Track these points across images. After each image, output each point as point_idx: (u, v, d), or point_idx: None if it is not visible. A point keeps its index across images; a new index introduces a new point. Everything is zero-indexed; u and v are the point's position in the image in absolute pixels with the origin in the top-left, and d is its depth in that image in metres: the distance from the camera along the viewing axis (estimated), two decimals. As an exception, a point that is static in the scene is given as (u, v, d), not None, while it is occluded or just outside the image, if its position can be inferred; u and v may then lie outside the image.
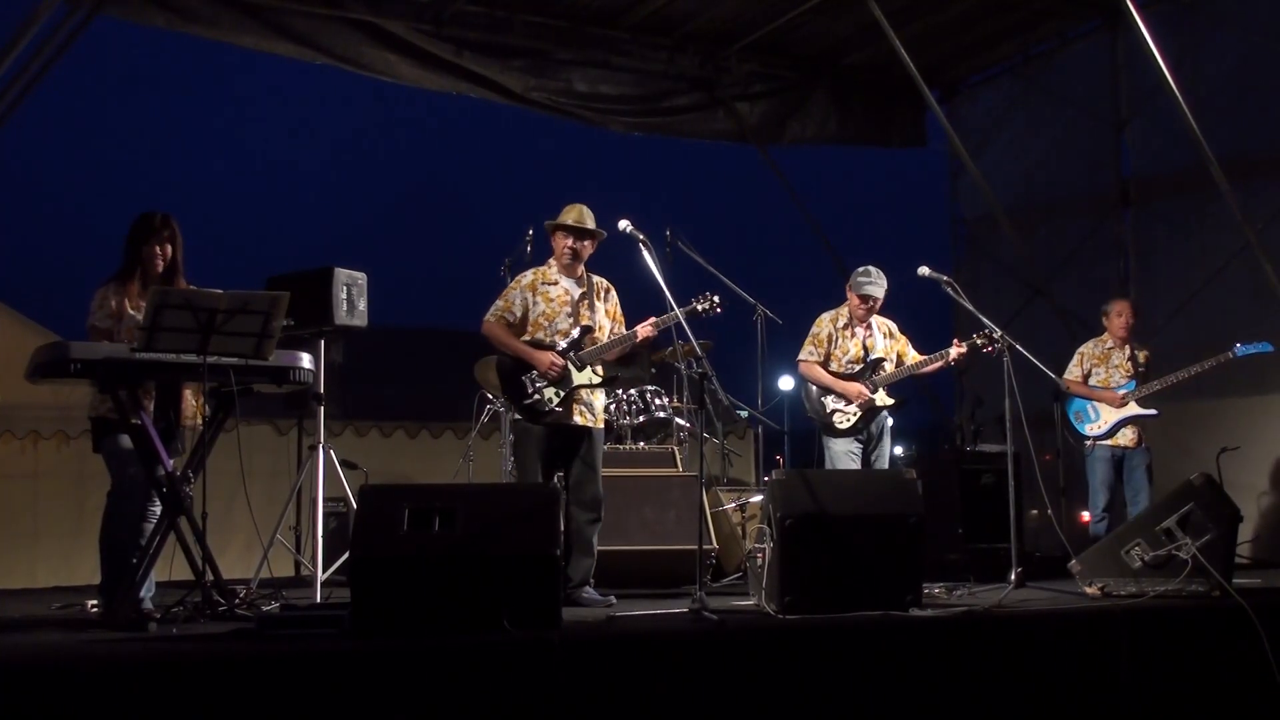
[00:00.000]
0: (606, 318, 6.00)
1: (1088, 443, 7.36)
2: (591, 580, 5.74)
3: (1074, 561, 5.78)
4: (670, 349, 7.36)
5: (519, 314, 5.88)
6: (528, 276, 5.98)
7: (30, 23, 7.49)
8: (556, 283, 5.94)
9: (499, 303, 5.92)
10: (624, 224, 5.47)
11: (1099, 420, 7.36)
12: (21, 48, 7.57)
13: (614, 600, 5.63)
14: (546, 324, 5.86)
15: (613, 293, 6.08)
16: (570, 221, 5.89)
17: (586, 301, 5.94)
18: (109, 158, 40.49)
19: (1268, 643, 4.85)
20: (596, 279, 6.04)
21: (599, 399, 5.99)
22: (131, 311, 5.05)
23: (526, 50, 9.38)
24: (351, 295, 6.67)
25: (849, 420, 6.65)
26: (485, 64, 9.21)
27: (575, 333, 5.85)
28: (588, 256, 5.98)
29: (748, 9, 9.49)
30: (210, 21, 8.28)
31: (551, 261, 6.00)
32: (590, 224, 5.91)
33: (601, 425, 6.00)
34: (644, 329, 5.80)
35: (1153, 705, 4.75)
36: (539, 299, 5.89)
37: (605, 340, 5.92)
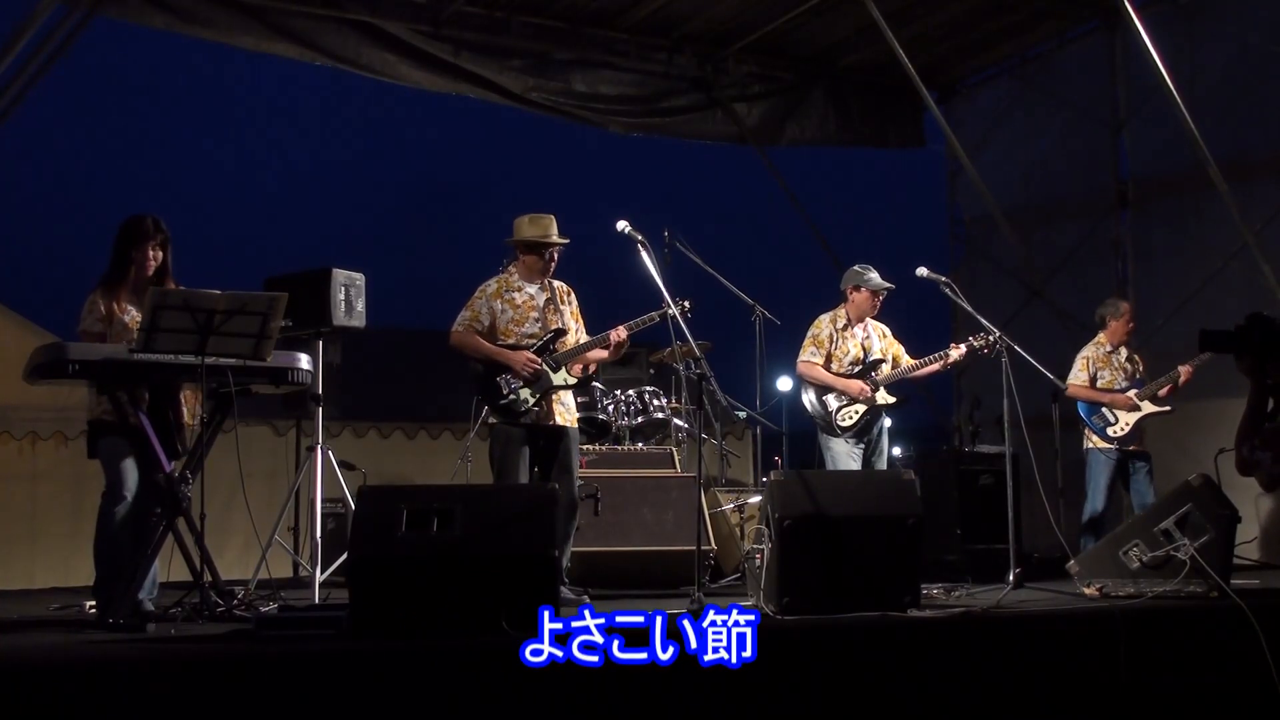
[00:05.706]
0: (573, 320, 6.02)
1: (1110, 445, 7.31)
2: (566, 579, 5.72)
3: (1072, 562, 5.78)
4: (669, 350, 7.36)
5: (486, 322, 5.85)
6: (491, 285, 5.93)
7: (29, 23, 7.50)
8: (521, 289, 5.92)
9: (465, 313, 5.87)
10: (622, 225, 5.45)
11: (1119, 423, 7.33)
12: (20, 48, 7.58)
13: (588, 599, 5.62)
14: (515, 329, 5.85)
15: (573, 295, 6.09)
16: (538, 237, 5.87)
17: (552, 306, 5.94)
18: (108, 158, 40.49)
19: (1266, 644, 4.85)
20: (557, 283, 6.03)
21: (571, 399, 6.00)
22: (120, 315, 5.02)
23: (525, 51, 9.40)
24: (349, 296, 6.66)
25: (853, 418, 6.65)
26: (484, 64, 9.23)
27: (547, 336, 5.86)
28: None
29: (746, 10, 9.50)
30: (208, 22, 8.29)
31: (512, 269, 5.98)
32: (559, 237, 5.91)
33: (576, 425, 6.00)
34: (617, 333, 5.84)
35: (1151, 706, 4.74)
36: (505, 306, 5.87)
37: (579, 342, 5.94)
